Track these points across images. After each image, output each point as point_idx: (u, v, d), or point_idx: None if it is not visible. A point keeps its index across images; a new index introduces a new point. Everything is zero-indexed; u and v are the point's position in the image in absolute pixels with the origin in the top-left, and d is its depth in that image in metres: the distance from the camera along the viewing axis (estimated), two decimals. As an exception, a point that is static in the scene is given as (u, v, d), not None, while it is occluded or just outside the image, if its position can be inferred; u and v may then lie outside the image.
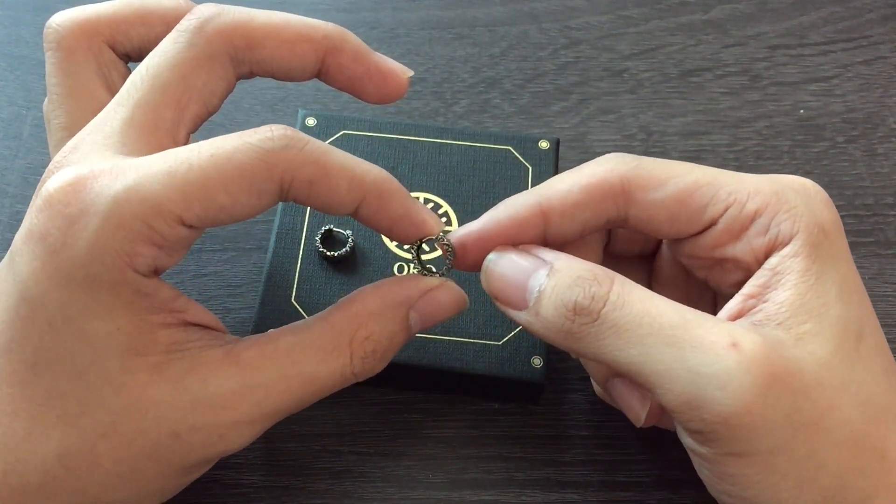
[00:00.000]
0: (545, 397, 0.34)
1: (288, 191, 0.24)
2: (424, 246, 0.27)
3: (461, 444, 0.33)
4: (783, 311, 0.24)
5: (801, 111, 0.43)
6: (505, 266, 0.26)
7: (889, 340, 0.36)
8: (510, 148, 0.37)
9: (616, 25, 0.46)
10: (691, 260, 0.28)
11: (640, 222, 0.27)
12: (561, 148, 0.37)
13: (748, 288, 0.25)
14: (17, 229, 0.25)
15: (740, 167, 0.41)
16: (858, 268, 0.38)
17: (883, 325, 0.36)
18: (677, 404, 0.23)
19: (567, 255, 0.25)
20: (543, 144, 0.37)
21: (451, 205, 0.35)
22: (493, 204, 0.35)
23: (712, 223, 0.26)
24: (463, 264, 0.27)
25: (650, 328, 0.23)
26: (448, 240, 0.27)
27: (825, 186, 0.40)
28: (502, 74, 0.44)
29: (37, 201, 0.23)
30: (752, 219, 0.25)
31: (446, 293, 0.27)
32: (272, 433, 0.32)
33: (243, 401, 0.24)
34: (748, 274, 0.26)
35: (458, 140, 0.37)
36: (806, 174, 0.41)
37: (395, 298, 0.26)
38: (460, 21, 0.46)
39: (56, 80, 0.29)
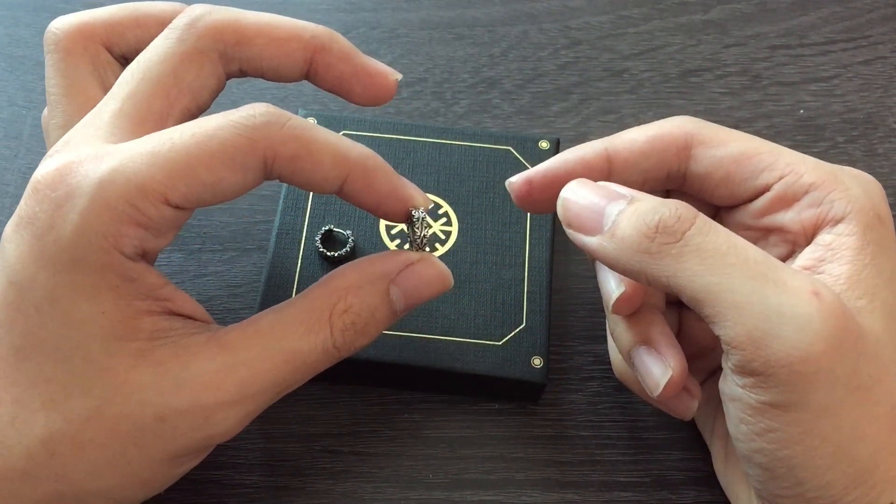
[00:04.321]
0: (545, 397, 0.34)
1: (272, 167, 0.24)
2: (415, 214, 0.27)
3: (461, 444, 0.33)
4: (840, 282, 0.24)
5: (801, 111, 0.43)
6: (583, 193, 0.26)
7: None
8: (510, 148, 0.37)
9: (616, 25, 0.46)
10: (740, 231, 0.28)
11: (697, 180, 0.27)
12: (561, 148, 0.37)
13: (802, 260, 0.26)
14: (17, 229, 0.25)
15: (740, 167, 0.41)
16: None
17: (883, 325, 0.37)
18: (743, 339, 0.23)
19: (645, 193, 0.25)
20: (543, 144, 0.37)
21: (451, 205, 0.35)
22: (494, 204, 0.35)
23: (765, 189, 0.27)
24: (528, 201, 0.27)
25: (735, 258, 0.23)
26: (425, 214, 0.27)
27: (825, 186, 0.40)
28: (502, 74, 0.44)
29: (26, 190, 0.24)
30: (807, 191, 0.26)
31: (427, 267, 0.27)
32: (272, 433, 0.33)
33: (227, 380, 0.24)
34: (793, 248, 0.26)
35: (458, 140, 0.37)
36: (806, 174, 0.41)
37: (374, 272, 0.27)
38: (460, 21, 0.46)
39: (53, 81, 0.30)
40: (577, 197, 0.26)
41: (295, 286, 0.33)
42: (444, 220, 0.35)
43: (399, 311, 0.27)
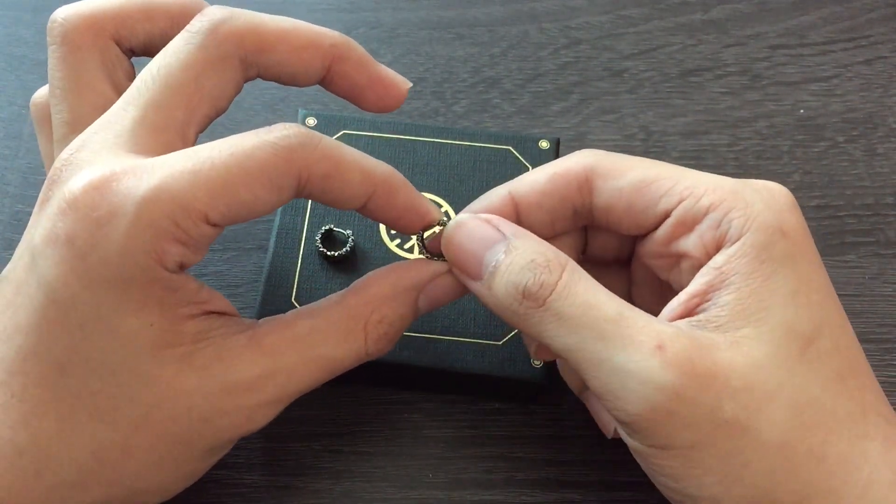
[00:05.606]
0: (545, 397, 0.34)
1: (305, 186, 0.25)
2: (432, 230, 0.28)
3: (461, 444, 0.33)
4: (723, 314, 0.24)
5: (801, 111, 0.43)
6: (464, 235, 0.27)
7: (888, 340, 0.36)
8: (510, 148, 0.37)
9: (616, 25, 0.46)
10: (652, 259, 0.28)
11: (602, 214, 0.28)
12: (561, 148, 0.37)
13: (693, 286, 0.25)
14: (17, 229, 0.25)
15: (740, 167, 0.41)
16: (857, 268, 0.38)
17: (883, 325, 0.37)
18: (603, 393, 0.24)
19: (526, 231, 0.26)
20: (543, 144, 0.37)
21: (451, 205, 0.35)
22: (493, 204, 0.35)
23: (666, 216, 0.26)
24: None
25: (587, 320, 0.24)
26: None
27: (825, 186, 0.41)
28: (502, 74, 0.44)
29: (58, 203, 0.23)
30: (705, 213, 0.26)
31: (453, 277, 0.28)
32: (272, 433, 0.33)
33: (268, 384, 0.25)
34: None
35: (458, 140, 0.37)
36: (806, 174, 0.41)
37: (407, 283, 0.27)
38: (460, 21, 0.46)
39: (60, 75, 0.28)
40: (458, 238, 0.27)
41: (295, 286, 0.33)
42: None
43: (419, 315, 0.28)
